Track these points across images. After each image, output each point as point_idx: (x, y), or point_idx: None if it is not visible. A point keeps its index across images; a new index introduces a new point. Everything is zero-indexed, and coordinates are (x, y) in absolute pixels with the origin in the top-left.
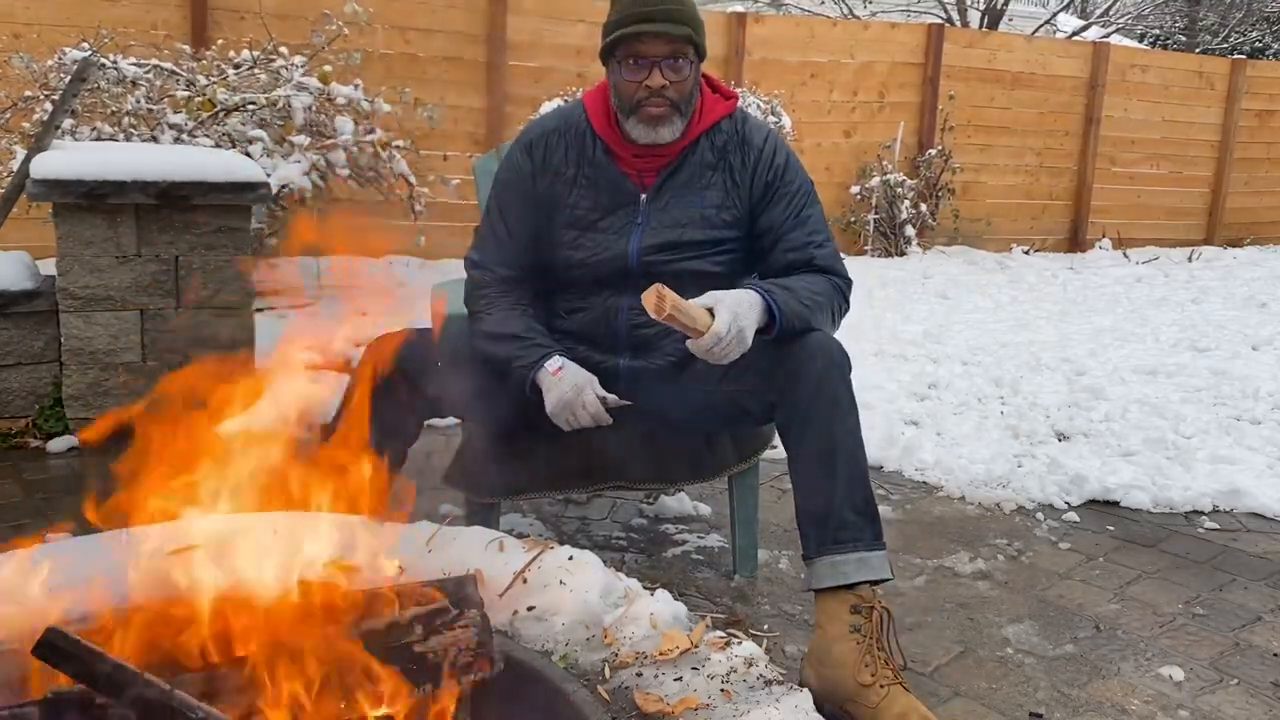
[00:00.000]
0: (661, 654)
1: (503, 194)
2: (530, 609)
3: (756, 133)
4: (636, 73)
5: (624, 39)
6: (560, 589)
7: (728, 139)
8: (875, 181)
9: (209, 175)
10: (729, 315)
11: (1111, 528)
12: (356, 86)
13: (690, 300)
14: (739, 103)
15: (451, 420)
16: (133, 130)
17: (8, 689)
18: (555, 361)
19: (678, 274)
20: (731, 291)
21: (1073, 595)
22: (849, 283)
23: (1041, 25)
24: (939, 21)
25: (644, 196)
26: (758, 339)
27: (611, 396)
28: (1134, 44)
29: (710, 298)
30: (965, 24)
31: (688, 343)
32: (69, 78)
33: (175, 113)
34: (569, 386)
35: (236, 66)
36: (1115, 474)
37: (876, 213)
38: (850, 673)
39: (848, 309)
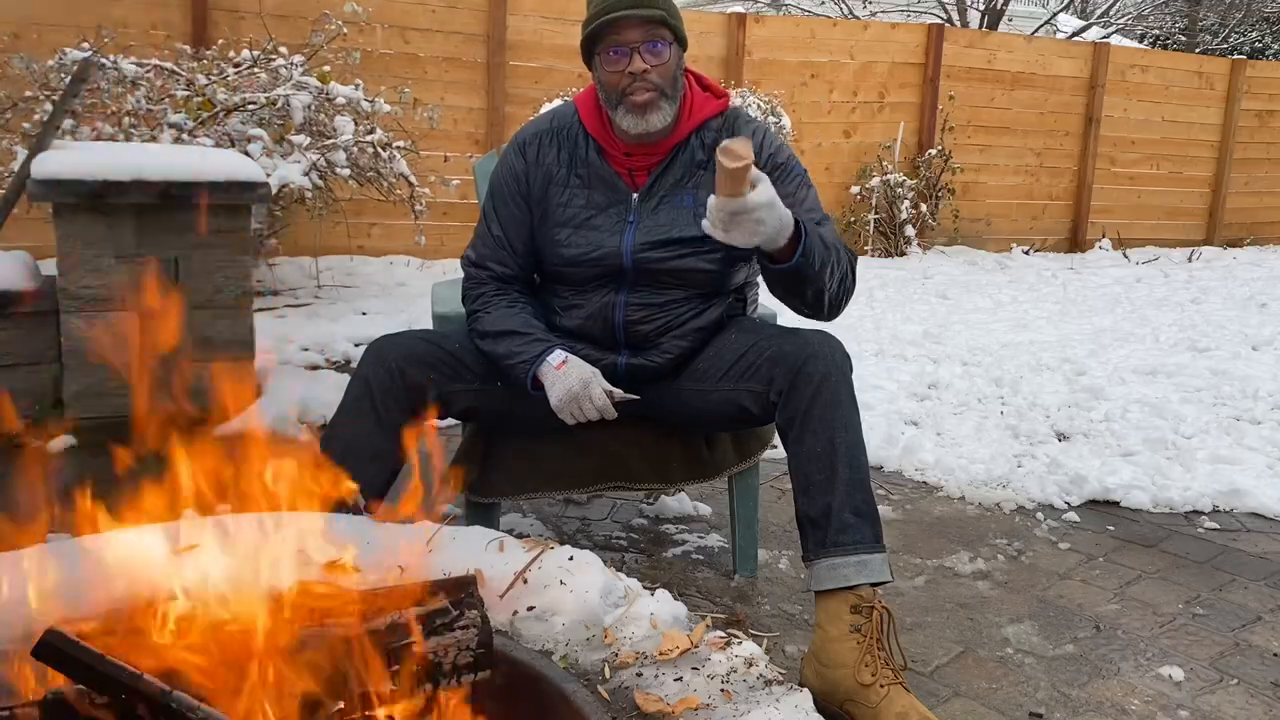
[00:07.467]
0: (661, 654)
1: (497, 194)
2: (530, 609)
3: (746, 127)
4: (617, 62)
5: (598, 30)
6: (560, 589)
7: (718, 136)
8: (875, 182)
9: (209, 175)
10: (770, 193)
11: (1111, 528)
12: (357, 86)
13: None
14: (730, 102)
15: (451, 420)
16: (133, 130)
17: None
18: (558, 355)
19: (672, 271)
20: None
21: (1073, 595)
22: (854, 256)
23: (1041, 25)
24: (939, 21)
25: (635, 196)
26: (764, 333)
27: (617, 391)
28: (1134, 44)
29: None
30: (965, 24)
31: (712, 197)
32: (69, 78)
33: (175, 113)
34: (575, 380)
35: (236, 66)
36: (1115, 474)
37: (876, 213)
38: (850, 672)
39: (853, 282)
